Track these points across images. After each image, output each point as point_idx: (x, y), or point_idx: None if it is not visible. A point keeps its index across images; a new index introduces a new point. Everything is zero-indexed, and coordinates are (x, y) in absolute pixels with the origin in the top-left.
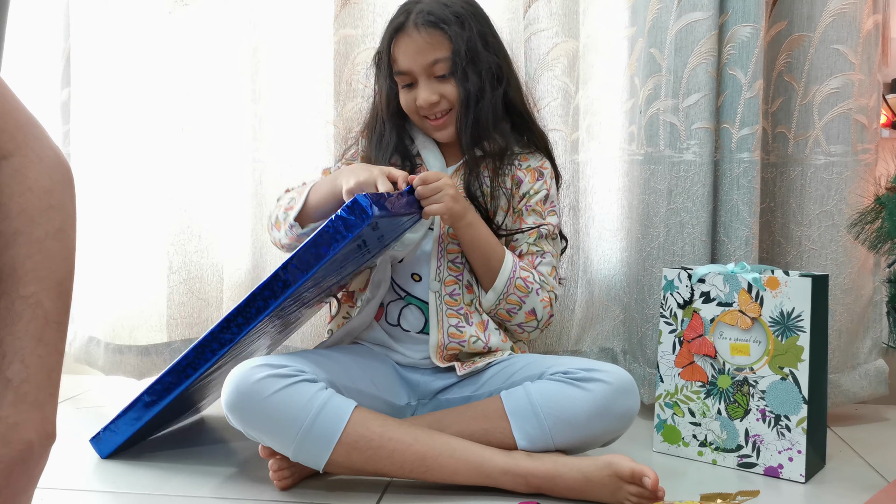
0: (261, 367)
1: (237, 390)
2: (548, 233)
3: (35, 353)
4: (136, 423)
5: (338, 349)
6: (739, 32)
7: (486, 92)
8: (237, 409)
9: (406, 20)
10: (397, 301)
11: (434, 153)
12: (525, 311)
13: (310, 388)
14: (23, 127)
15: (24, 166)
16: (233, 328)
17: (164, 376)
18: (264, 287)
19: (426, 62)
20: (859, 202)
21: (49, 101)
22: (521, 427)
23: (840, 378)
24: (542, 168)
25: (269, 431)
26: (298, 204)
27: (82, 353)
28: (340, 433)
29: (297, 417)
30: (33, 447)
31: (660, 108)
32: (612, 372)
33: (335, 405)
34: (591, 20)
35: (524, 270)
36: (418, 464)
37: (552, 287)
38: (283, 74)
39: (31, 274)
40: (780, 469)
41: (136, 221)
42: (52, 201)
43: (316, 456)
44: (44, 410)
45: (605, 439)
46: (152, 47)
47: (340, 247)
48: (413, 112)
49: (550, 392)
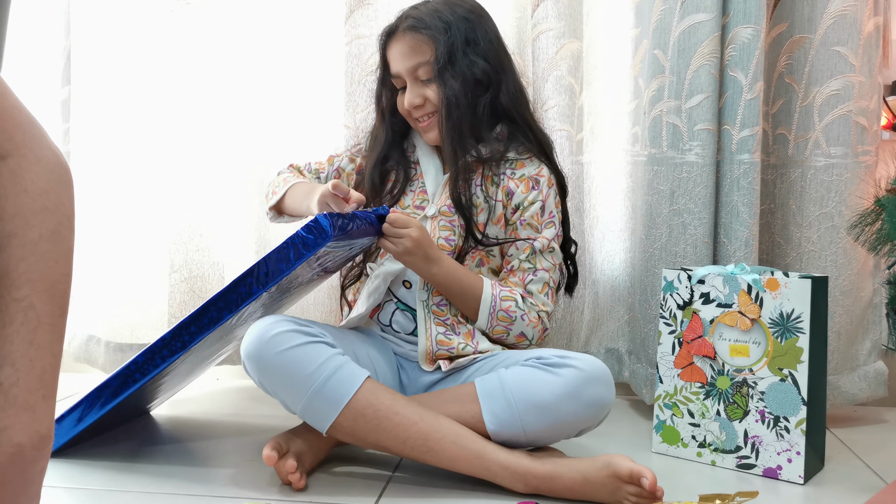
0: (284, 321)
1: (259, 339)
2: (542, 247)
3: (26, 357)
4: (79, 424)
5: (353, 332)
6: (740, 34)
7: (468, 97)
8: (255, 358)
9: (397, 25)
10: (390, 302)
11: (432, 160)
12: (514, 335)
13: (328, 350)
14: (22, 126)
15: (21, 167)
16: (184, 336)
17: (111, 380)
18: (218, 298)
19: (410, 65)
20: (859, 204)
21: (49, 99)
22: (491, 409)
23: (839, 380)
24: (538, 176)
25: (282, 384)
26: (275, 198)
27: (82, 352)
28: (350, 398)
29: (312, 375)
30: (24, 450)
31: (663, 110)
32: (585, 359)
33: (349, 370)
34: (594, 21)
35: (506, 300)
36: (420, 443)
37: (541, 305)
38: (289, 73)
39: (24, 276)
40: (779, 470)
41: (138, 220)
42: (47, 203)
43: (323, 416)
44: (35, 413)
45: (578, 428)
46: (154, 46)
47: (297, 264)
48: (406, 114)
49: (522, 376)
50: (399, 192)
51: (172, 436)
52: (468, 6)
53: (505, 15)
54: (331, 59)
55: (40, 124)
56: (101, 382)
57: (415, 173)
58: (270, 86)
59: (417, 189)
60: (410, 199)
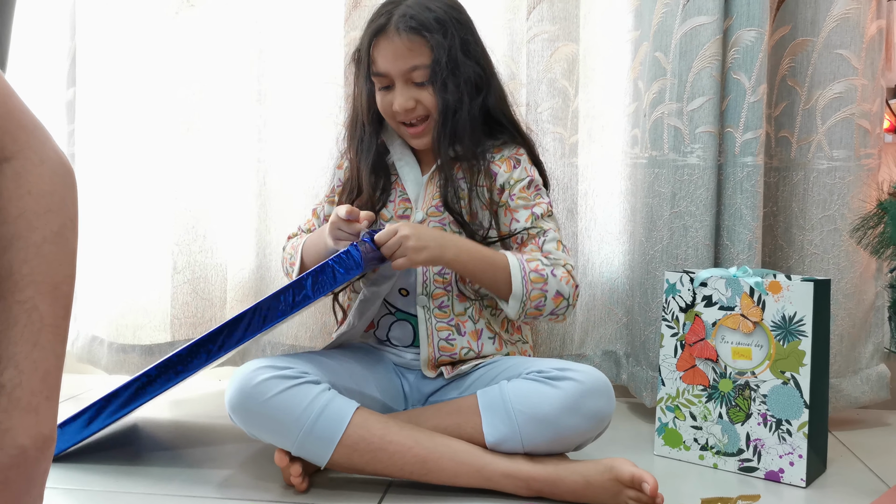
0: (264, 368)
1: (240, 391)
2: (543, 212)
3: (29, 358)
4: (86, 430)
5: (343, 350)
6: (744, 37)
7: (465, 102)
8: (240, 410)
9: (387, 22)
10: (387, 316)
11: (409, 163)
12: (551, 298)
13: (312, 390)
14: (25, 128)
15: (25, 169)
16: (202, 353)
17: (121, 389)
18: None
19: (405, 67)
20: (862, 207)
21: (54, 101)
22: (491, 422)
23: (841, 383)
24: (518, 155)
25: (271, 432)
26: (296, 268)
27: (85, 353)
28: (341, 435)
29: (299, 419)
30: (27, 451)
31: (664, 112)
32: (586, 371)
33: (336, 407)
34: (591, 24)
35: (531, 261)
36: (419, 466)
37: (565, 260)
38: (290, 76)
39: (28, 278)
40: (781, 473)
41: (141, 221)
42: (51, 205)
43: (317, 456)
44: (38, 414)
45: (577, 441)
46: (158, 48)
47: (320, 295)
48: (390, 116)
49: (523, 390)
50: (381, 205)
51: (173, 437)
52: (451, 3)
53: (496, 16)
54: (330, 59)
55: (44, 126)
56: (110, 391)
57: (394, 180)
58: (274, 87)
59: (398, 198)
60: (392, 209)
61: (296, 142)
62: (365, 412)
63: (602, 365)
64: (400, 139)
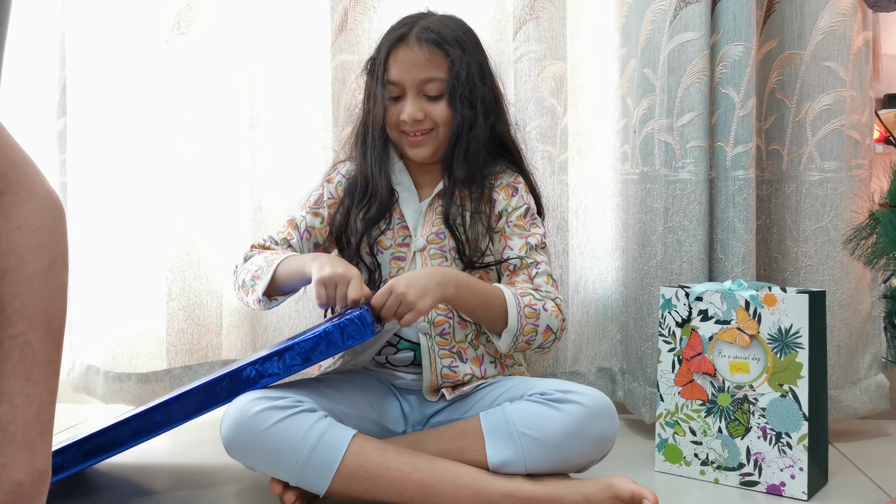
0: (258, 399)
1: (235, 424)
2: (537, 243)
3: (23, 393)
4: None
5: (339, 375)
6: (731, 51)
7: (479, 122)
8: (235, 443)
9: (409, 32)
10: (388, 347)
11: (408, 188)
12: (542, 332)
13: (308, 419)
14: (15, 164)
15: (14, 204)
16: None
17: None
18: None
19: (420, 78)
20: (854, 218)
21: (45, 131)
22: (495, 445)
23: (841, 394)
24: (515, 183)
25: (268, 464)
26: (266, 278)
27: (81, 382)
28: (338, 464)
29: (296, 449)
30: (24, 487)
31: (654, 128)
32: (589, 394)
33: (333, 435)
34: (578, 43)
35: (524, 295)
36: (419, 492)
37: (554, 294)
38: (281, 100)
39: (19, 313)
40: (783, 487)
41: (135, 248)
42: (41, 239)
43: (316, 485)
44: (33, 450)
45: (580, 464)
46: (149, 76)
47: (328, 355)
48: (393, 125)
49: (527, 412)
50: (378, 234)
51: (172, 451)
52: (467, 27)
53: (482, 37)
54: (318, 83)
55: (33, 161)
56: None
57: (394, 207)
58: (265, 112)
59: (396, 226)
60: (390, 238)
61: (290, 166)
62: (362, 439)
63: (597, 382)
64: (399, 163)
